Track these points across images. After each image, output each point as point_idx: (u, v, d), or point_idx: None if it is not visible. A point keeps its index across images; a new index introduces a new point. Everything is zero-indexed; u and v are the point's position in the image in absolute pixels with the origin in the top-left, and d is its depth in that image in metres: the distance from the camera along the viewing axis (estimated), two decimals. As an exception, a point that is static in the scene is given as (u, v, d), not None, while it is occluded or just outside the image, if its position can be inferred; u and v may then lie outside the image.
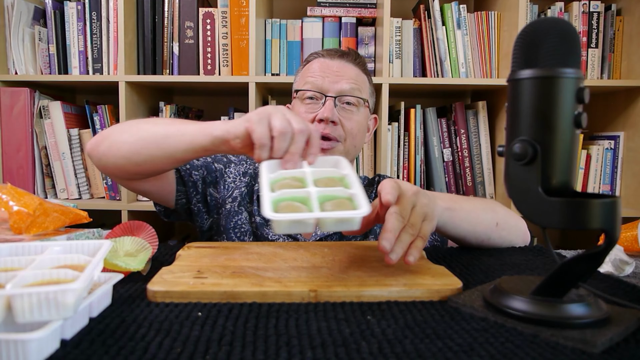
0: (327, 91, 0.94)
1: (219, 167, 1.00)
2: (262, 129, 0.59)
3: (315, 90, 0.95)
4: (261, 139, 0.59)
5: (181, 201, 0.95)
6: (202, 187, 0.97)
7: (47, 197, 1.51)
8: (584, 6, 1.52)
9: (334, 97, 0.94)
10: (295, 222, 0.50)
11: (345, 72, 0.96)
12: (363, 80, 0.99)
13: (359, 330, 0.43)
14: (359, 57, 1.00)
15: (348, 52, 0.99)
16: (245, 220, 0.97)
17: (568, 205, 0.42)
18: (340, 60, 0.97)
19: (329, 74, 0.95)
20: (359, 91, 0.96)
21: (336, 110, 0.94)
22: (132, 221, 0.67)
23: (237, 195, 0.98)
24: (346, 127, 0.94)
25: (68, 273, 0.42)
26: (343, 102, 0.95)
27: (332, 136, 0.93)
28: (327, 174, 0.59)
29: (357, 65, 0.99)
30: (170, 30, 1.50)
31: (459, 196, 0.90)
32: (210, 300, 0.49)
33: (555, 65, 0.43)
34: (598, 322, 0.43)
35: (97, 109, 1.51)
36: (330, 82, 0.94)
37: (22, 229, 0.59)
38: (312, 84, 0.95)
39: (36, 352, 0.35)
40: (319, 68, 0.96)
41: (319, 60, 0.98)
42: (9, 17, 1.46)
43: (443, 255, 0.72)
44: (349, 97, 0.95)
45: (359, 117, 0.97)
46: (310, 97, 0.96)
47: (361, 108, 0.97)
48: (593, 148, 1.57)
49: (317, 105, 0.95)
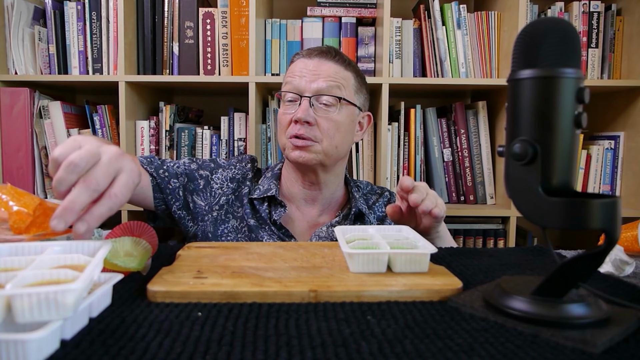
0: (304, 91, 0.93)
1: (205, 174, 1.00)
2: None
3: (293, 91, 0.94)
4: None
5: (160, 207, 0.96)
6: (182, 194, 0.97)
7: (47, 197, 1.51)
8: (584, 6, 1.52)
9: (310, 97, 0.92)
10: (372, 258, 0.56)
11: (323, 70, 0.93)
12: (344, 77, 0.96)
13: (359, 330, 0.43)
14: (340, 54, 0.97)
15: (327, 50, 0.97)
16: (232, 228, 0.97)
17: (568, 205, 0.42)
18: (318, 59, 0.95)
19: (306, 74, 0.94)
20: (337, 89, 0.93)
21: (312, 111, 0.92)
22: (132, 221, 0.66)
23: (224, 202, 0.98)
24: (322, 127, 0.92)
25: (68, 273, 0.42)
26: (320, 102, 0.93)
27: (306, 136, 0.91)
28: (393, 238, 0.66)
29: (337, 62, 0.95)
30: (170, 30, 1.50)
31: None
32: (210, 300, 0.49)
33: (555, 65, 0.43)
34: (598, 322, 0.43)
35: (97, 109, 1.51)
36: (307, 81, 0.93)
37: (22, 229, 0.59)
38: (290, 84, 0.95)
39: (36, 352, 0.35)
40: (298, 68, 0.95)
41: (300, 60, 0.97)
42: (9, 17, 1.46)
43: (443, 255, 0.72)
44: (326, 96, 0.93)
45: (339, 116, 0.94)
46: (289, 100, 0.95)
47: (342, 107, 0.94)
48: (593, 148, 1.57)
49: (295, 106, 0.94)
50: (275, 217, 0.96)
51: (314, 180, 0.99)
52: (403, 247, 0.60)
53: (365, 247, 0.59)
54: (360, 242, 0.62)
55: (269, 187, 0.98)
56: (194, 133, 1.55)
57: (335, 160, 0.97)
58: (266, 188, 0.98)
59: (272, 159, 1.54)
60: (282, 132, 0.96)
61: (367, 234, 0.67)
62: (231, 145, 1.54)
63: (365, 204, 1.04)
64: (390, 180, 1.53)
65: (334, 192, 1.03)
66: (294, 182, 1.00)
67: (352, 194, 1.03)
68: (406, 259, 0.56)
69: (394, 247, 0.59)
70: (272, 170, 1.04)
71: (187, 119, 1.67)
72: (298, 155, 0.92)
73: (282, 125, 0.96)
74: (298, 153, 0.92)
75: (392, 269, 0.57)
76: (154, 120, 1.53)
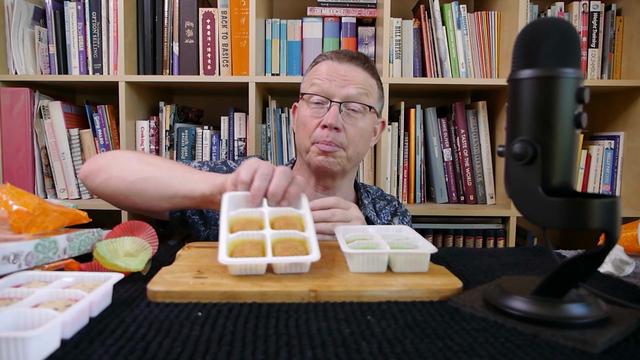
0: (333, 96, 0.92)
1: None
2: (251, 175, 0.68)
3: (321, 94, 0.93)
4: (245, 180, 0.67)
5: (175, 214, 0.95)
6: None
7: (47, 197, 1.51)
8: (584, 6, 1.52)
9: (340, 103, 0.92)
10: (372, 258, 0.56)
11: (353, 77, 0.93)
12: (371, 85, 0.96)
13: (359, 330, 0.43)
14: (368, 61, 0.97)
15: (357, 56, 0.96)
16: None
17: (568, 205, 0.42)
18: (348, 64, 0.94)
19: (336, 78, 0.92)
20: (366, 96, 0.93)
21: (341, 117, 0.91)
22: (132, 221, 0.67)
23: None
24: (349, 133, 0.92)
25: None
26: (349, 109, 0.92)
27: (333, 143, 0.91)
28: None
29: (365, 69, 0.95)
30: (170, 30, 1.50)
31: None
32: (210, 300, 0.49)
33: (555, 65, 0.43)
34: (598, 322, 0.43)
35: (97, 109, 1.51)
36: (337, 86, 0.92)
37: (22, 228, 0.59)
38: (319, 86, 0.93)
39: (36, 350, 0.35)
40: (327, 71, 0.94)
41: (327, 63, 0.95)
42: (9, 17, 1.46)
43: (443, 255, 0.72)
44: (355, 103, 0.92)
45: (364, 123, 0.94)
46: (316, 102, 0.94)
47: (367, 114, 0.95)
48: (593, 148, 1.57)
49: (322, 109, 0.93)
50: None
51: (329, 185, 0.99)
52: (403, 247, 0.60)
53: (365, 247, 0.59)
54: (360, 242, 0.62)
55: None
56: (194, 133, 1.55)
57: (354, 165, 0.98)
58: None
59: (273, 159, 1.54)
60: (306, 135, 0.94)
61: (367, 234, 0.67)
62: (231, 145, 1.54)
63: (373, 210, 1.04)
64: (390, 181, 1.53)
65: (346, 197, 1.03)
66: (306, 185, 1.00)
67: (361, 200, 1.03)
68: (406, 259, 0.56)
69: (393, 247, 0.59)
70: None
71: (187, 119, 1.67)
72: (323, 160, 0.92)
73: (307, 128, 0.94)
74: (322, 158, 0.92)
75: (392, 269, 0.57)
76: (154, 120, 1.53)
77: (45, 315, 0.40)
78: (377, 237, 0.64)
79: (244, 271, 0.55)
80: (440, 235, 1.56)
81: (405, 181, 1.55)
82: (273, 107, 1.54)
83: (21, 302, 0.42)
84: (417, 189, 1.55)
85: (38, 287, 0.47)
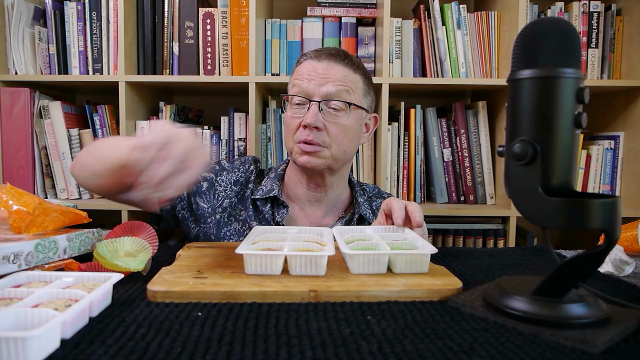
0: (313, 95, 0.91)
1: (210, 176, 1.00)
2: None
3: (301, 95, 0.92)
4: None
5: (165, 208, 0.96)
6: (186, 194, 0.98)
7: (47, 197, 1.51)
8: (584, 6, 1.52)
9: (319, 102, 0.91)
10: (372, 259, 0.56)
11: (332, 74, 0.91)
12: (353, 80, 0.94)
13: (359, 330, 0.43)
14: (349, 57, 0.95)
15: (336, 52, 0.95)
16: (235, 231, 0.97)
17: (568, 205, 0.42)
18: (327, 62, 0.93)
19: (314, 77, 0.92)
20: (347, 93, 0.92)
21: (321, 115, 0.91)
22: (132, 221, 0.67)
23: (227, 205, 0.98)
24: (331, 132, 0.91)
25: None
26: (329, 107, 0.91)
27: (315, 142, 0.90)
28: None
29: (346, 65, 0.93)
30: (170, 30, 1.50)
31: None
32: (210, 300, 0.49)
33: (555, 65, 0.43)
34: (598, 322, 0.43)
35: (97, 109, 1.51)
36: (316, 84, 0.91)
37: (22, 227, 0.59)
38: (298, 87, 0.93)
39: (36, 350, 0.35)
40: (307, 70, 0.93)
41: (308, 62, 0.95)
42: (9, 17, 1.46)
43: (443, 255, 0.72)
44: (335, 101, 0.91)
45: (347, 121, 0.93)
46: (297, 103, 0.94)
47: (350, 111, 0.93)
48: (593, 148, 1.57)
49: (303, 110, 0.92)
50: (278, 218, 0.96)
51: (320, 183, 0.99)
52: (402, 247, 0.60)
53: (364, 248, 0.59)
54: (359, 242, 0.62)
55: (271, 187, 0.98)
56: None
57: (343, 163, 0.97)
58: (269, 189, 0.98)
59: (273, 159, 1.54)
60: (290, 135, 0.95)
61: (365, 234, 0.67)
62: (231, 145, 1.54)
63: (369, 208, 1.03)
64: (390, 181, 1.53)
65: (340, 194, 1.03)
66: (299, 184, 1.00)
67: (356, 198, 1.03)
68: (407, 259, 0.56)
69: (393, 247, 0.59)
70: (276, 171, 1.04)
71: (187, 119, 1.67)
72: (306, 160, 0.92)
73: (289, 129, 0.95)
74: (306, 158, 0.92)
75: (392, 270, 0.57)
76: (154, 120, 1.53)
77: (45, 315, 0.40)
78: (376, 237, 0.64)
79: (260, 270, 0.55)
80: (440, 236, 1.56)
81: (405, 181, 1.55)
82: (273, 107, 1.54)
83: (21, 302, 0.42)
84: (417, 189, 1.55)
85: (38, 287, 0.47)
